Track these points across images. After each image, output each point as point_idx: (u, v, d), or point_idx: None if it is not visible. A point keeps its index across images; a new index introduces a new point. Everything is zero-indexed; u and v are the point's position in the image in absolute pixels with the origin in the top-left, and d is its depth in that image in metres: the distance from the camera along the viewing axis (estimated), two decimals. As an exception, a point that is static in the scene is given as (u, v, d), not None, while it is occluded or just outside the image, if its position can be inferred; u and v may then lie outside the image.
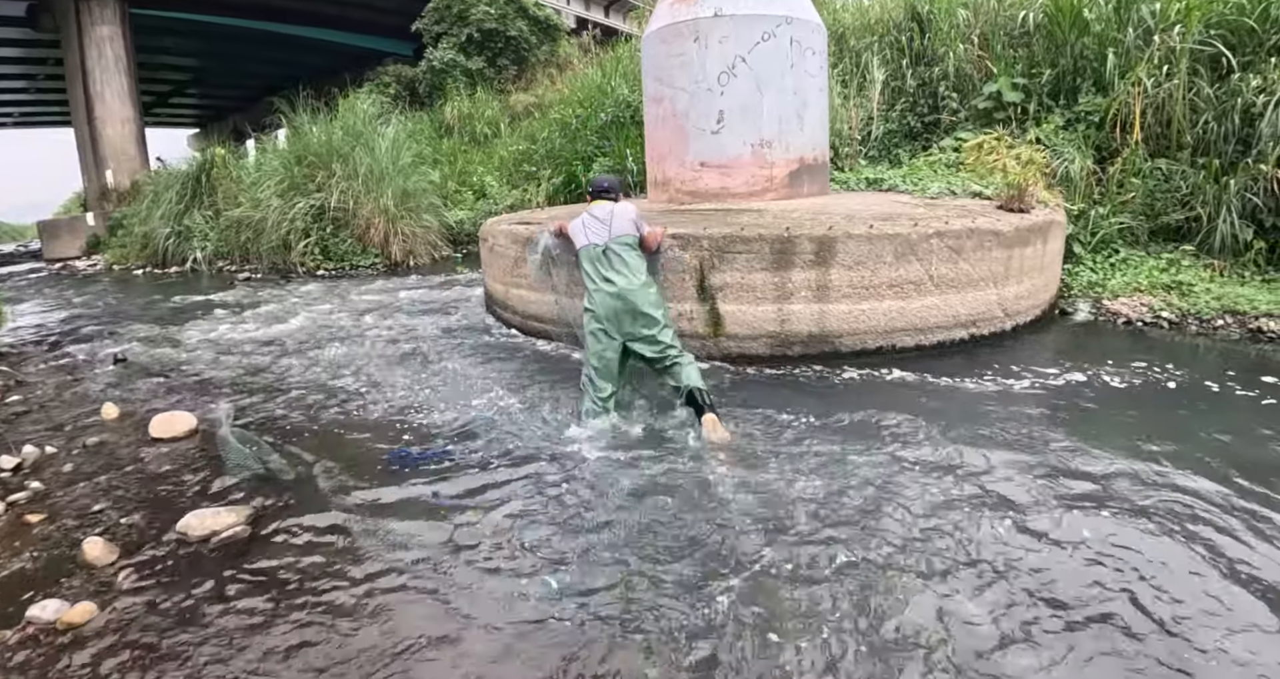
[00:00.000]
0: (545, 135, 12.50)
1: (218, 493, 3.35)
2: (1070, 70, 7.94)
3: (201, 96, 32.85)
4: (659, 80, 6.39)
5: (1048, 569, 2.51)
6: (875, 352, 4.69)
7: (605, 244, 4.13)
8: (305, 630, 2.35)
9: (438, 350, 5.70)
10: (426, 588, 2.54)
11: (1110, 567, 2.52)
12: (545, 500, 3.15)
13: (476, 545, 2.80)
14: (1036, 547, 2.65)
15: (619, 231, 4.15)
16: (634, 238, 4.18)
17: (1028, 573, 2.50)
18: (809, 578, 2.51)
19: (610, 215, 4.21)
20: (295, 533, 2.96)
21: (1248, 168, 6.23)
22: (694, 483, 3.21)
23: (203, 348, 6.22)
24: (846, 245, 4.46)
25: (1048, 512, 2.89)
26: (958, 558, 2.60)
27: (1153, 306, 5.82)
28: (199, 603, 2.51)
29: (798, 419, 3.84)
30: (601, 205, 4.29)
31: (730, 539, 2.75)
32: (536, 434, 3.85)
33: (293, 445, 3.87)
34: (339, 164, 10.83)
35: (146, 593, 2.58)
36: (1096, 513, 2.88)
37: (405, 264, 10.84)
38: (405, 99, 17.65)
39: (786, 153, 6.19)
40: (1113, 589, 2.40)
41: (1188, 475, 3.15)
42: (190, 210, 12.36)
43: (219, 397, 4.81)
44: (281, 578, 2.64)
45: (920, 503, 2.99)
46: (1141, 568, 2.51)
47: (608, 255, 4.09)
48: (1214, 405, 3.99)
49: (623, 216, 4.22)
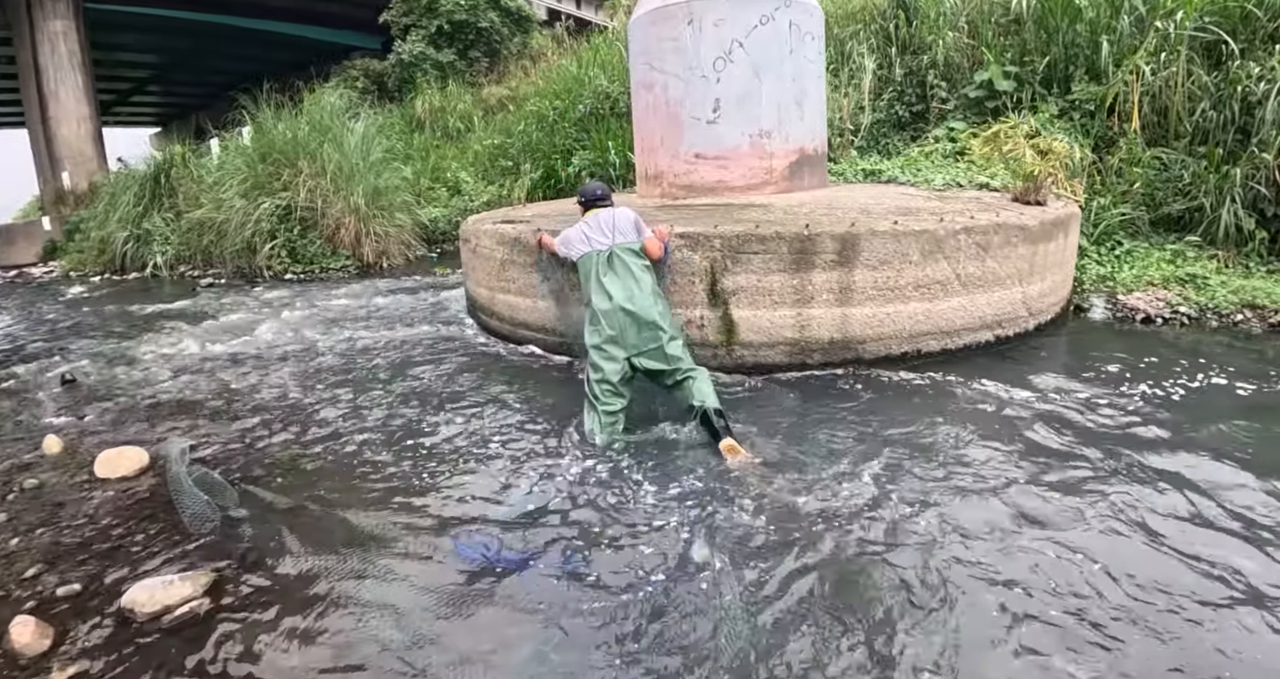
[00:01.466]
0: (521, 128, 12.08)
1: (171, 552, 2.86)
2: (1063, 58, 7.78)
3: (163, 94, 31.77)
4: (650, 66, 6.02)
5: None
6: (900, 357, 4.37)
7: (610, 249, 3.87)
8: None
9: (421, 366, 5.25)
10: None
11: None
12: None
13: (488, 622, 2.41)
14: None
15: (622, 238, 3.92)
16: (638, 244, 3.93)
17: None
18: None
19: (612, 219, 3.99)
20: (263, 606, 2.49)
21: (1252, 156, 6.07)
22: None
23: (159, 365, 5.72)
24: (871, 243, 4.13)
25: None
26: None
27: (1169, 301, 5.62)
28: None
29: (836, 435, 3.53)
30: (598, 213, 4.09)
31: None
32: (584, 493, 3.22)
33: (258, 485, 3.40)
34: (306, 161, 10.30)
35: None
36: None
37: (378, 266, 10.35)
38: (374, 94, 17.07)
39: (786, 143, 5.86)
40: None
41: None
42: (149, 213, 11.76)
43: (175, 424, 4.32)
44: (249, 671, 2.20)
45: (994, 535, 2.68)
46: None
47: (611, 263, 3.83)
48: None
49: (624, 220, 3.99)
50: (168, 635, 2.36)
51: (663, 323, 3.69)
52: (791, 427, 3.67)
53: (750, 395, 4.15)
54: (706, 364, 4.33)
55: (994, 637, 2.18)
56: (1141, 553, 2.55)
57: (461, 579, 2.57)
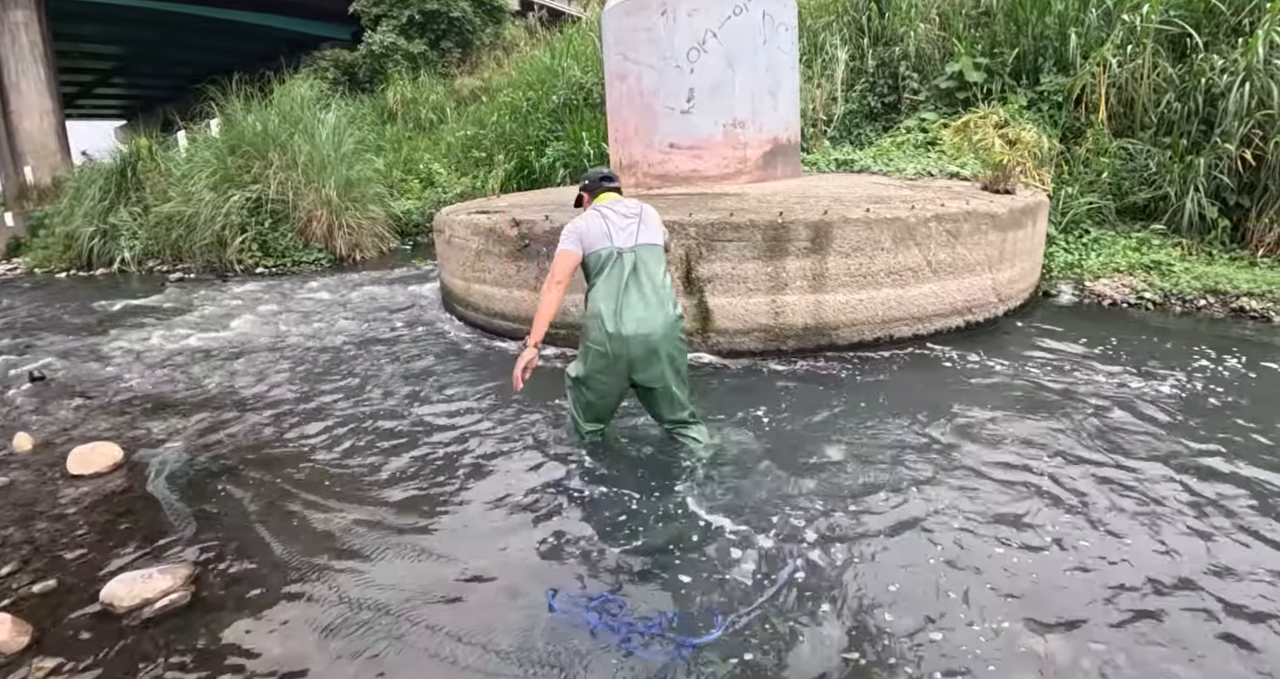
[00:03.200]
0: (495, 120, 11.99)
1: (149, 545, 2.83)
2: (1032, 50, 7.90)
3: (128, 87, 31.03)
4: (623, 56, 6.02)
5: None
6: (873, 343, 4.44)
7: (634, 248, 3.15)
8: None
9: (395, 358, 5.21)
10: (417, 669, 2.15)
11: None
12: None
13: (465, 603, 2.42)
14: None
15: (649, 236, 3.22)
16: (662, 248, 3.29)
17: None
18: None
19: (640, 210, 3.27)
20: (243, 597, 2.48)
21: (1215, 147, 6.20)
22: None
23: (129, 361, 5.62)
24: (844, 231, 4.18)
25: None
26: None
27: (1135, 287, 5.75)
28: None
29: (818, 417, 3.57)
30: (619, 199, 3.32)
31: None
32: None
33: (234, 478, 3.39)
34: (276, 153, 10.14)
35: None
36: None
37: (351, 258, 10.23)
38: (344, 85, 16.83)
39: (760, 133, 5.90)
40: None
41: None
42: (116, 207, 11.46)
43: (147, 420, 4.25)
44: (229, 662, 2.19)
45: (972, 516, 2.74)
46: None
47: (636, 270, 3.11)
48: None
49: (653, 215, 3.31)
50: (148, 628, 2.34)
51: (684, 359, 3.24)
52: (768, 413, 3.72)
53: (726, 382, 4.19)
54: (682, 352, 4.38)
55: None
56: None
57: (442, 569, 2.57)
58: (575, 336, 4.72)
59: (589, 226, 3.20)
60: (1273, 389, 3.86)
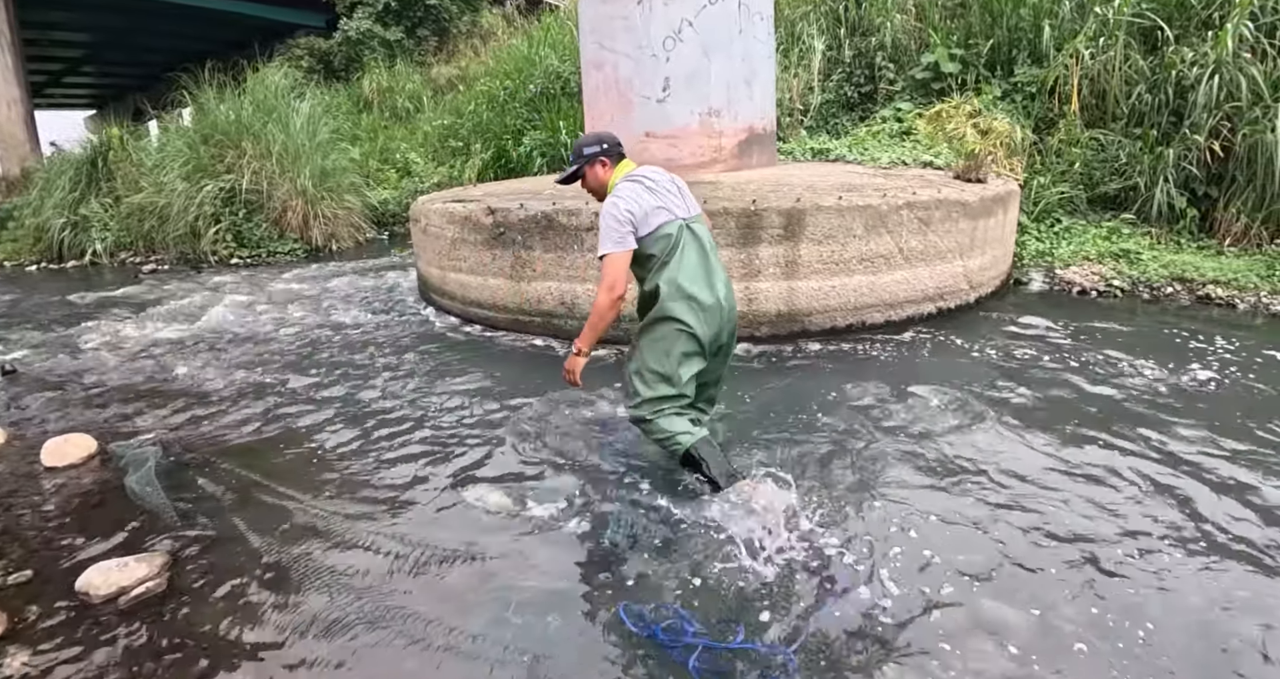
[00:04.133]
0: (472, 109, 11.90)
1: (125, 535, 2.82)
2: (1007, 42, 7.97)
3: (99, 75, 30.35)
4: (600, 45, 6.00)
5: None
6: (845, 329, 4.49)
7: (696, 217, 2.85)
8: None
9: (370, 347, 5.19)
10: (392, 648, 2.17)
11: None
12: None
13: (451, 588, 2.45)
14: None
15: (694, 207, 2.90)
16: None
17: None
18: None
19: (672, 179, 2.91)
20: (219, 585, 2.48)
21: (1184, 138, 6.30)
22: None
23: (103, 353, 5.54)
24: (816, 218, 4.22)
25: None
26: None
27: (1104, 275, 5.84)
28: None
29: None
30: (643, 170, 2.88)
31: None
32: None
33: (209, 468, 3.37)
34: (250, 142, 10.00)
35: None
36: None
37: (328, 249, 10.14)
38: (319, 73, 16.61)
39: (735, 122, 5.92)
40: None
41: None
42: (87, 198, 11.24)
43: (121, 411, 4.21)
44: (208, 646, 2.20)
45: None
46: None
47: (702, 241, 2.79)
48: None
49: (686, 188, 2.96)
50: (125, 616, 2.34)
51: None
52: (744, 398, 3.75)
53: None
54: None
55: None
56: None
57: (416, 555, 2.59)
58: (553, 325, 4.80)
59: (639, 202, 2.69)
60: (1231, 372, 3.95)
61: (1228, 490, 2.79)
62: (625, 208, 2.67)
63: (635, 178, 2.78)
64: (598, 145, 2.85)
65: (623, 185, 2.76)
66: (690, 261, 2.72)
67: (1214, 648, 2.01)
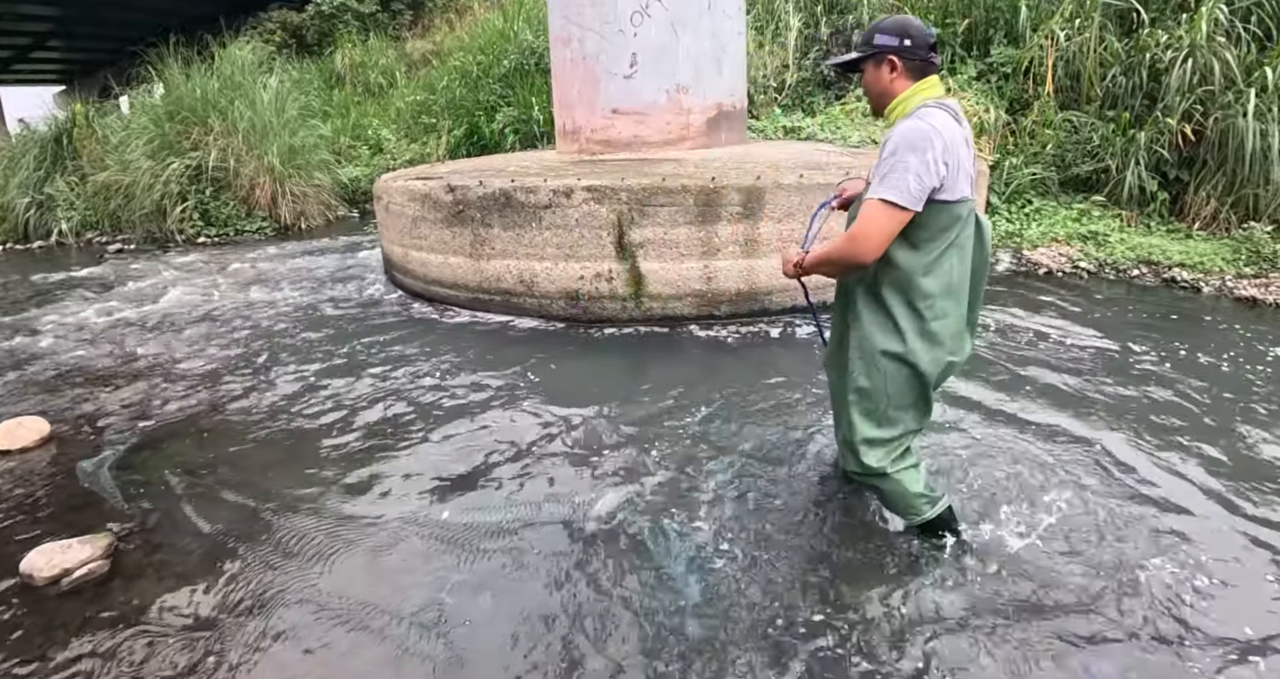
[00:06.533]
0: (444, 84, 11.70)
1: (75, 517, 2.80)
2: (983, 22, 7.92)
3: (66, 50, 29.63)
4: (567, 19, 5.88)
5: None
6: (807, 309, 4.43)
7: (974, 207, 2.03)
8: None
9: (330, 326, 5.12)
10: (338, 621, 2.17)
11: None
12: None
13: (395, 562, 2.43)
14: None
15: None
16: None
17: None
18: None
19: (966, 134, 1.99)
20: (163, 565, 2.48)
21: (1155, 121, 6.27)
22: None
23: (62, 334, 5.46)
24: (776, 196, 4.16)
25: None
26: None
27: (1071, 257, 5.83)
28: (50, 671, 2.04)
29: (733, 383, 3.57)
30: (947, 106, 1.98)
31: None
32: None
33: (159, 450, 3.33)
34: (217, 119, 9.80)
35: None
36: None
37: (297, 227, 9.97)
38: (292, 47, 16.29)
39: (704, 99, 5.83)
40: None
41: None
42: (52, 177, 11.03)
43: (77, 393, 4.14)
44: (147, 625, 2.19)
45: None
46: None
47: (985, 243, 2.08)
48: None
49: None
50: (66, 598, 2.34)
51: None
52: (697, 375, 3.71)
53: (658, 347, 4.18)
54: (614, 318, 4.36)
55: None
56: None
57: (361, 535, 2.57)
58: (513, 303, 4.73)
59: (951, 144, 1.87)
60: (1190, 353, 3.96)
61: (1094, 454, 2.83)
62: (943, 155, 1.85)
63: (952, 111, 1.95)
64: (897, 37, 1.97)
65: (938, 114, 1.91)
66: (963, 268, 2.03)
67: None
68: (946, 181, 1.86)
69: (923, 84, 1.99)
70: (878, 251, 1.90)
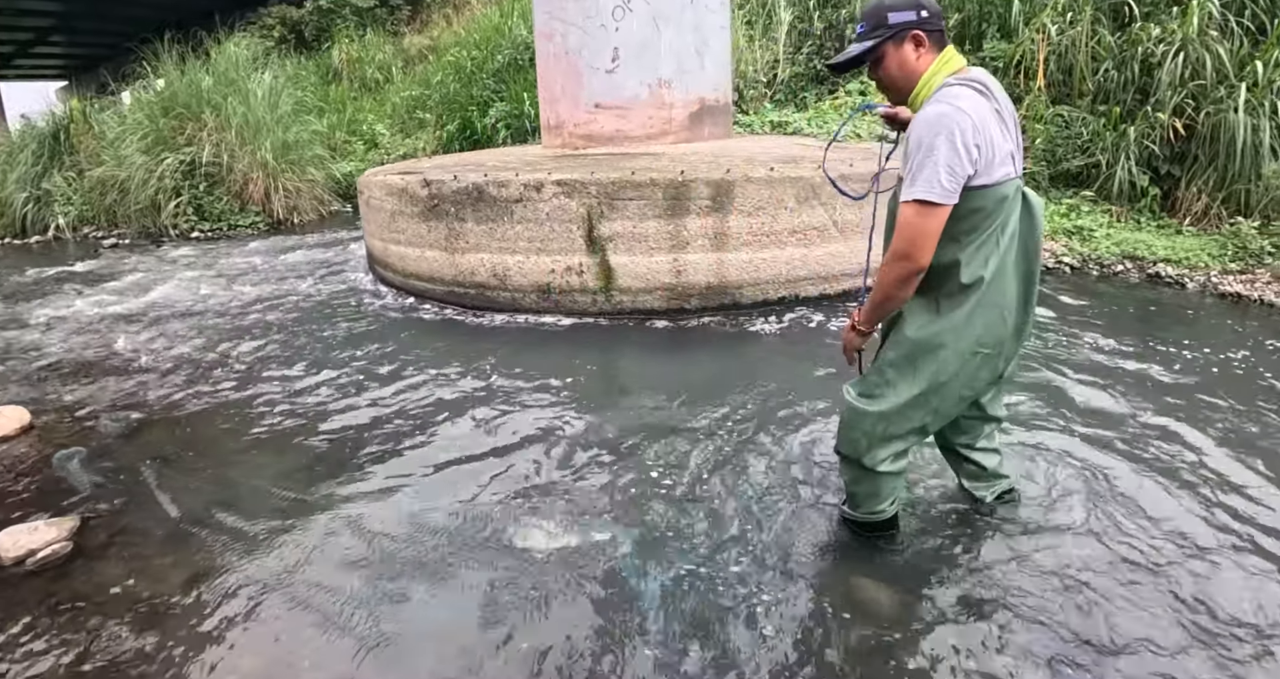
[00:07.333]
0: (439, 80, 11.71)
1: (46, 502, 2.87)
2: (976, 15, 7.87)
3: (68, 45, 29.77)
4: (550, 14, 5.88)
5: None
6: (778, 302, 4.43)
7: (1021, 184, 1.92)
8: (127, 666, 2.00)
9: (312, 319, 5.14)
10: (290, 605, 2.21)
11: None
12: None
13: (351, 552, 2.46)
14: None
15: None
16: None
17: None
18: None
19: (1012, 110, 1.89)
20: (128, 545, 2.56)
21: (1146, 116, 6.22)
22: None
23: (51, 327, 5.53)
24: (745, 190, 4.14)
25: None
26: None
27: (1055, 252, 5.80)
28: (5, 645, 2.11)
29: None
30: (977, 70, 1.89)
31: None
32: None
33: (133, 438, 3.39)
34: (211, 115, 9.84)
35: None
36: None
37: (290, 221, 10.01)
38: (291, 43, 16.32)
39: (686, 93, 5.81)
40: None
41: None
42: (49, 172, 11.11)
43: (61, 384, 4.20)
44: (105, 604, 2.26)
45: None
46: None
47: (1036, 224, 1.97)
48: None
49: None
50: (30, 578, 2.42)
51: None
52: (666, 368, 3.71)
53: (631, 340, 4.18)
54: (585, 311, 4.36)
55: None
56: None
57: (322, 519, 2.63)
58: (486, 297, 4.73)
59: (981, 123, 1.75)
60: (1165, 348, 3.93)
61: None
62: (974, 139, 1.73)
63: (977, 86, 1.80)
64: (913, 10, 1.83)
65: (963, 93, 1.78)
66: (1012, 252, 1.92)
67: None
68: (980, 165, 1.75)
69: (944, 57, 1.87)
70: (929, 254, 1.80)
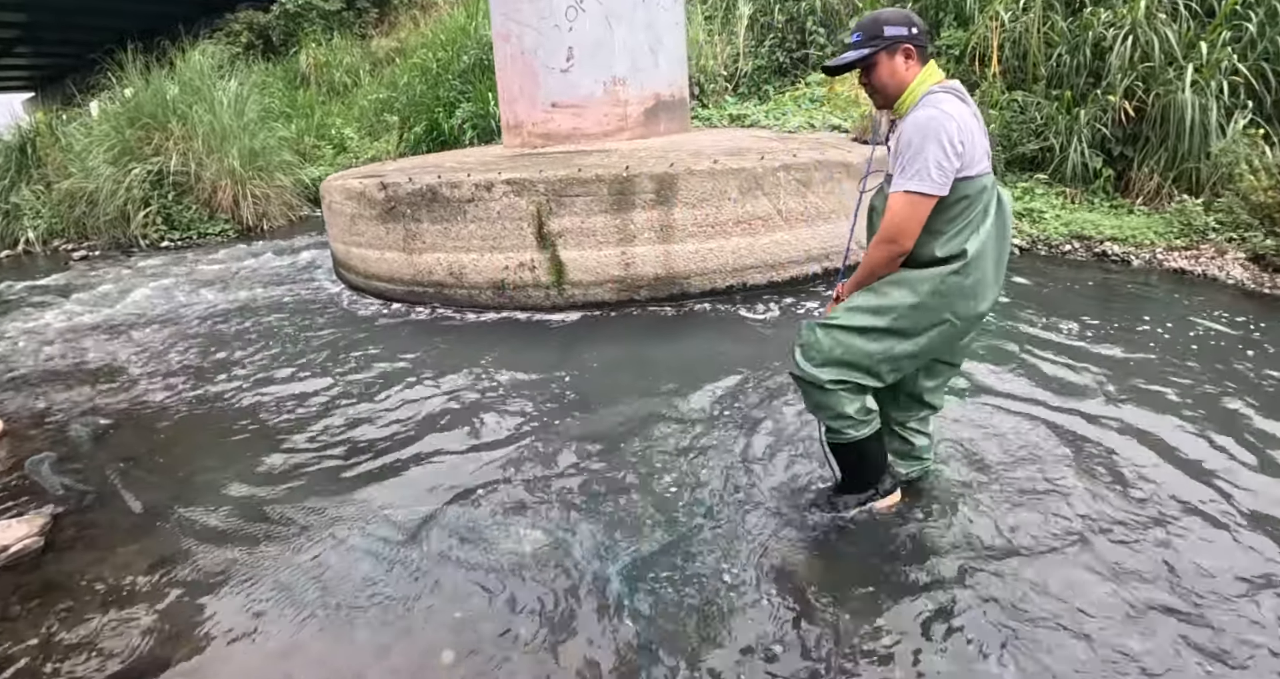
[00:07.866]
0: (406, 82, 11.73)
1: (18, 503, 2.97)
2: (934, 4, 7.95)
3: (33, 56, 29.46)
4: (506, 16, 5.95)
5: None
6: (726, 290, 4.54)
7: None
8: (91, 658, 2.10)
9: (277, 323, 5.21)
10: (254, 596, 2.30)
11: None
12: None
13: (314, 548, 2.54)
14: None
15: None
16: None
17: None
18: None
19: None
20: (97, 540, 2.67)
21: (1097, 99, 6.34)
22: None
23: (20, 339, 5.56)
24: (689, 182, 4.24)
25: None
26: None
27: (1004, 235, 5.89)
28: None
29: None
30: (954, 82, 2.11)
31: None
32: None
33: (103, 442, 3.49)
34: (177, 124, 9.83)
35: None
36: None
37: (259, 228, 10.02)
38: (259, 48, 16.25)
39: (641, 90, 5.89)
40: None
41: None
42: (17, 185, 11.05)
43: (32, 392, 4.27)
44: (74, 595, 2.37)
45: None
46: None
47: (1006, 220, 2.15)
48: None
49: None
50: (4, 572, 2.51)
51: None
52: (620, 358, 3.81)
53: (579, 333, 4.28)
54: (539, 306, 4.45)
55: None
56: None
57: (283, 512, 2.71)
58: (444, 295, 4.80)
59: (964, 125, 1.98)
60: (1114, 320, 4.07)
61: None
62: (959, 137, 1.95)
63: (957, 93, 2.05)
64: (905, 27, 2.04)
65: (946, 99, 2.00)
66: (992, 235, 2.08)
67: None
68: (965, 160, 1.98)
69: (928, 69, 2.08)
70: (913, 238, 2.03)
